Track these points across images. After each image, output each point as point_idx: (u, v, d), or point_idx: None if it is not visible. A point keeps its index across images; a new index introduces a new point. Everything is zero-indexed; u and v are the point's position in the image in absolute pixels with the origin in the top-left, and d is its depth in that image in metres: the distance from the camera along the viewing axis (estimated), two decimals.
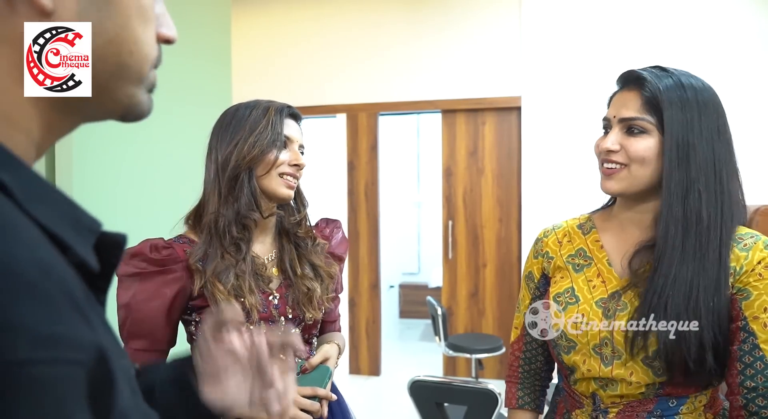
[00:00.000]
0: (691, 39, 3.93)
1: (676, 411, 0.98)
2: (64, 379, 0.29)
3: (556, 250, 1.11)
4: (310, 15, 4.55)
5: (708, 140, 0.95)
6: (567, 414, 1.08)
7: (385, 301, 4.78)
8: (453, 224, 4.38)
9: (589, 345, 1.01)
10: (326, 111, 4.50)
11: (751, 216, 3.09)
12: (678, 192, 0.94)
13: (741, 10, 3.87)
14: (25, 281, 0.28)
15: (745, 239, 0.97)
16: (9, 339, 0.27)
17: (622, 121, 0.99)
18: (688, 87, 0.97)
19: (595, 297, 1.02)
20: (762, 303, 0.92)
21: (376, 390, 4.22)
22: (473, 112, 4.32)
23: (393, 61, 4.41)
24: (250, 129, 1.16)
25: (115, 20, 0.42)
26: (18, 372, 0.27)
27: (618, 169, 0.99)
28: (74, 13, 0.40)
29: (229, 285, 1.11)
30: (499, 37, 4.22)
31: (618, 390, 0.99)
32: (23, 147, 0.39)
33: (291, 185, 1.19)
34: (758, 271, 0.93)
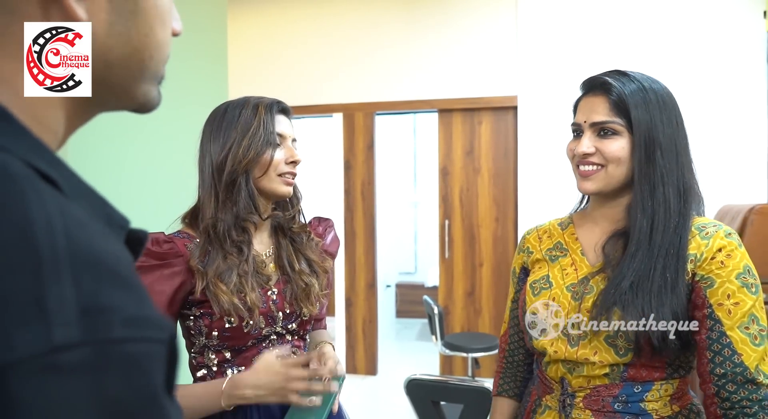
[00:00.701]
0: (685, 39, 3.95)
1: (641, 398, 1.01)
2: (151, 355, 0.32)
3: (536, 245, 1.19)
4: (306, 14, 4.55)
5: (670, 136, 1.03)
6: (539, 400, 1.13)
7: (382, 301, 4.79)
8: (449, 223, 4.39)
9: (558, 328, 1.06)
10: (323, 110, 4.50)
11: (746, 215, 3.12)
12: (648, 185, 1.02)
13: (733, 12, 3.89)
14: (108, 269, 0.32)
15: (707, 228, 1.02)
16: (105, 320, 0.30)
17: (594, 124, 1.06)
18: (649, 89, 1.04)
19: (567, 282, 1.09)
20: (725, 291, 0.96)
21: (373, 389, 4.23)
22: (470, 112, 4.33)
23: (389, 61, 4.42)
24: (243, 131, 1.15)
25: (141, 29, 0.44)
26: (113, 349, 0.30)
27: (595, 170, 1.05)
28: (105, 23, 0.42)
29: (232, 284, 1.11)
30: (496, 36, 4.23)
31: (584, 372, 1.03)
32: (51, 145, 0.42)
33: (290, 182, 1.20)
34: (720, 259, 0.98)
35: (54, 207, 0.33)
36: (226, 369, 1.15)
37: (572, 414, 1.04)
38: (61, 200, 0.34)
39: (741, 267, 0.97)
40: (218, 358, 1.15)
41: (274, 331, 1.19)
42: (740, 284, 0.96)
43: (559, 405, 1.07)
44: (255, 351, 1.16)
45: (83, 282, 0.31)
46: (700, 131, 3.94)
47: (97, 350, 0.30)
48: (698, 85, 3.94)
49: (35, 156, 0.37)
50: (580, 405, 1.04)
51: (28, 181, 0.33)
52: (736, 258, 0.98)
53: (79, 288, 0.30)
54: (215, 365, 1.16)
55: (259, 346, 1.16)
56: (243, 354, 1.15)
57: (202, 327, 1.13)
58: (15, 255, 0.29)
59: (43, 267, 0.30)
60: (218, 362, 1.15)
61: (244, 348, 1.16)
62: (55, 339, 0.29)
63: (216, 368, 1.16)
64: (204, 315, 1.13)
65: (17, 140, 0.37)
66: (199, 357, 1.17)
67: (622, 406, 1.01)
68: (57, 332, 0.29)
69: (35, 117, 0.41)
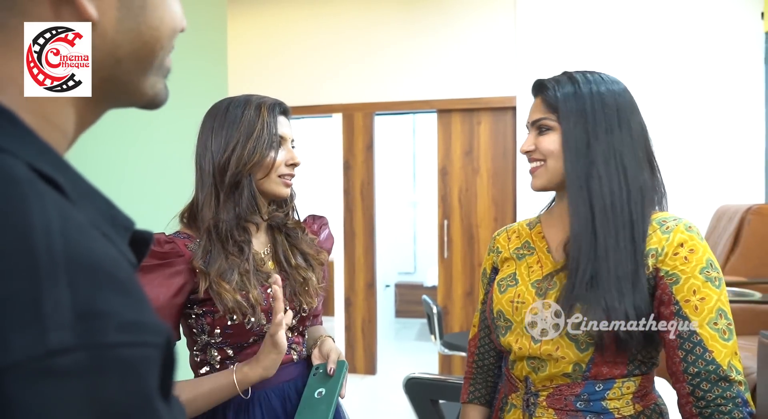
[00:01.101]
0: (683, 40, 3.96)
1: (602, 396, 1.01)
2: (146, 359, 0.33)
3: (505, 245, 1.21)
4: (305, 15, 4.56)
5: (604, 133, 1.03)
6: (505, 398, 1.14)
7: (381, 301, 4.79)
8: (448, 223, 4.40)
9: (522, 324, 1.08)
10: (322, 111, 4.51)
11: (744, 215, 3.13)
12: (580, 178, 1.03)
13: (731, 13, 3.90)
14: (105, 273, 0.32)
15: (668, 222, 1.02)
16: (100, 325, 0.30)
17: (533, 123, 1.11)
18: (583, 87, 1.06)
19: (532, 279, 1.10)
20: (691, 286, 0.96)
21: (372, 388, 4.24)
22: (468, 112, 4.34)
23: (389, 61, 4.43)
24: (247, 132, 1.15)
25: (150, 23, 0.44)
26: (108, 354, 0.30)
27: (538, 166, 1.09)
28: (115, 21, 0.43)
29: (234, 283, 1.12)
30: (494, 37, 4.24)
31: (547, 371, 1.04)
32: (60, 145, 0.42)
33: (289, 183, 1.21)
34: (683, 255, 0.98)
35: (54, 211, 0.33)
36: (229, 365, 1.16)
37: (536, 413, 1.05)
38: (63, 204, 0.34)
39: (704, 262, 0.98)
40: (221, 355, 1.16)
41: None
42: (704, 279, 0.96)
43: (523, 403, 1.08)
44: (256, 347, 1.16)
45: (80, 286, 0.31)
46: (698, 132, 3.95)
47: (92, 354, 0.30)
48: (696, 85, 3.95)
49: (40, 159, 0.37)
50: (544, 404, 1.05)
51: (31, 184, 0.33)
52: (698, 252, 0.98)
53: (75, 293, 0.30)
54: (218, 362, 1.17)
55: (261, 343, 1.17)
56: (245, 350, 1.17)
57: (204, 325, 1.14)
58: (13, 258, 0.30)
59: (40, 271, 0.30)
60: (221, 359, 1.17)
61: (246, 345, 1.17)
62: (50, 343, 0.29)
63: (219, 365, 1.17)
64: (206, 314, 1.13)
65: (22, 143, 0.37)
66: (202, 354, 1.18)
67: (584, 405, 1.02)
68: (52, 336, 0.29)
69: (44, 116, 0.41)
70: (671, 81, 3.99)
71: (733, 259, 3.12)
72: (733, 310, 2.50)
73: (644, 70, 4.02)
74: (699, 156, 3.94)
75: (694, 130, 3.96)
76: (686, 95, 3.97)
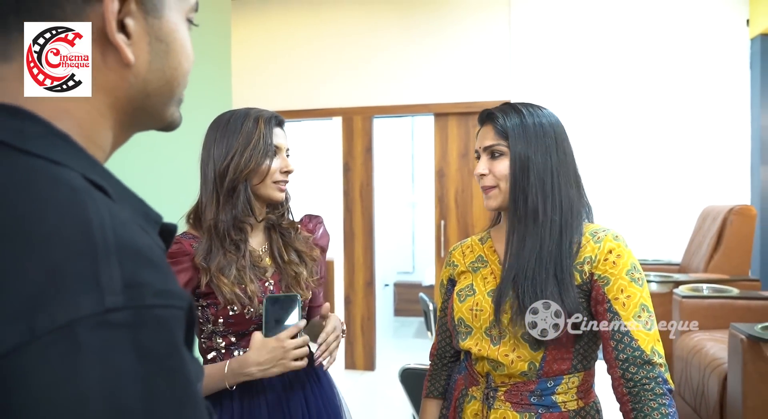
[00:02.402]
0: (672, 47, 4.09)
1: (552, 391, 1.16)
2: (174, 318, 0.42)
3: (461, 259, 1.33)
4: (307, 22, 4.69)
5: (543, 155, 1.17)
6: (465, 390, 1.26)
7: (380, 299, 4.91)
8: (445, 224, 4.52)
9: (481, 329, 1.20)
10: (322, 114, 4.64)
11: (726, 215, 3.27)
12: (520, 195, 1.17)
13: (718, 20, 4.03)
14: (143, 256, 0.43)
15: (598, 233, 1.17)
16: (141, 292, 0.40)
17: (486, 148, 1.23)
18: (528, 118, 1.20)
19: (487, 289, 1.23)
20: (619, 286, 1.12)
21: (371, 384, 4.36)
22: (464, 116, 4.47)
23: (387, 66, 4.56)
24: (245, 142, 1.29)
25: (172, 63, 0.55)
26: (147, 312, 0.40)
27: (491, 187, 1.21)
28: (146, 63, 0.53)
29: (232, 277, 1.27)
30: (489, 43, 4.37)
31: (506, 370, 1.17)
32: (101, 159, 0.53)
33: (283, 189, 1.36)
34: (611, 260, 1.14)
35: (105, 211, 0.43)
36: (233, 350, 1.31)
37: (494, 405, 1.18)
38: (110, 205, 0.45)
39: (629, 265, 1.13)
40: (225, 342, 1.31)
41: None
42: (630, 279, 1.12)
43: (483, 396, 1.21)
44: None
45: (126, 265, 0.40)
46: (686, 134, 4.08)
47: (135, 313, 0.39)
48: (684, 90, 4.08)
49: (90, 171, 0.47)
50: (502, 398, 1.18)
51: (86, 191, 0.44)
52: (624, 257, 1.14)
53: (123, 269, 0.40)
54: (223, 348, 1.32)
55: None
56: (246, 337, 1.31)
57: (209, 315, 1.29)
58: (79, 246, 0.40)
59: (99, 255, 0.39)
60: (225, 345, 1.31)
61: (247, 332, 1.31)
62: (107, 304, 0.38)
63: (224, 350, 1.32)
64: (210, 305, 1.28)
65: (78, 159, 0.48)
66: (208, 341, 1.33)
67: (537, 399, 1.16)
68: (107, 299, 0.38)
69: (90, 138, 0.51)
70: (660, 85, 4.13)
71: (717, 258, 3.25)
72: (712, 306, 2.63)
73: (634, 74, 4.15)
74: (686, 158, 4.07)
75: (682, 133, 4.09)
76: (675, 99, 4.10)
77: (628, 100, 4.17)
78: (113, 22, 0.48)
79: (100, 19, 0.48)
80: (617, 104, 4.18)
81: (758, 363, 1.90)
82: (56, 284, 0.37)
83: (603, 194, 4.10)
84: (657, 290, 3.12)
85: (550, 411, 1.15)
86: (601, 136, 4.19)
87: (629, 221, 4.07)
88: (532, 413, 1.15)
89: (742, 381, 1.94)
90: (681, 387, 2.62)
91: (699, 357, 2.41)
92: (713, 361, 2.28)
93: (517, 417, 1.15)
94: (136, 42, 0.51)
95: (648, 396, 1.06)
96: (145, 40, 0.52)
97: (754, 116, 3.92)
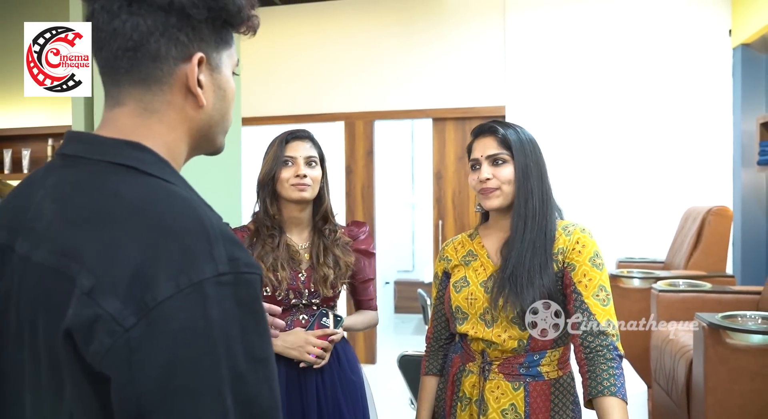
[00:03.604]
0: (658, 55, 4.29)
1: (538, 363, 1.37)
2: (256, 281, 0.61)
3: (453, 254, 1.52)
4: (311, 31, 4.91)
5: (535, 164, 1.39)
6: (462, 366, 1.46)
7: (381, 297, 5.11)
8: (443, 224, 4.74)
9: (476, 315, 1.40)
10: (325, 118, 4.86)
11: (705, 216, 3.49)
12: (522, 199, 1.37)
13: (702, 30, 4.24)
14: (234, 240, 0.62)
15: (569, 227, 1.39)
16: (238, 263, 0.59)
17: (489, 157, 1.40)
18: (521, 132, 1.41)
19: (479, 280, 1.43)
20: (582, 271, 1.33)
21: (372, 375, 4.54)
22: (461, 120, 4.69)
23: (387, 73, 4.77)
24: (266, 159, 1.64)
25: (225, 104, 0.75)
26: (241, 276, 0.59)
27: (494, 189, 1.39)
28: (212, 104, 0.73)
29: (269, 264, 1.56)
30: (485, 51, 4.59)
31: (499, 348, 1.38)
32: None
33: (301, 189, 1.60)
34: (578, 249, 1.35)
35: (207, 211, 0.64)
36: None
37: (489, 377, 1.39)
38: (206, 207, 0.66)
39: (592, 253, 1.35)
40: None
41: (301, 302, 1.60)
42: (591, 265, 1.33)
43: (479, 370, 1.42)
44: (287, 314, 1.59)
45: (227, 246, 0.59)
46: (672, 139, 4.29)
47: (235, 276, 0.58)
48: (671, 97, 4.29)
49: (183, 186, 0.68)
50: (495, 370, 1.38)
51: (191, 200, 0.65)
52: (588, 246, 1.35)
53: (226, 249, 0.59)
54: None
55: (290, 311, 1.60)
56: (277, 316, 1.55)
57: None
58: (200, 235, 0.59)
59: (211, 240, 0.59)
60: None
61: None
62: (219, 270, 0.57)
63: None
64: None
65: (175, 177, 0.68)
66: None
67: (525, 370, 1.37)
68: (219, 267, 0.57)
69: (173, 157, 0.71)
70: (649, 93, 4.34)
71: (696, 255, 3.46)
72: (686, 299, 2.86)
73: (624, 82, 4.36)
74: (673, 161, 4.28)
75: (669, 138, 4.30)
76: (662, 106, 4.31)
77: (618, 106, 4.38)
78: (194, 79, 0.69)
79: (185, 75, 0.69)
80: (607, 111, 4.39)
81: (717, 348, 2.11)
82: (190, 258, 0.57)
83: (594, 195, 4.32)
84: (639, 285, 3.34)
85: (536, 380, 1.36)
86: (592, 140, 4.40)
87: (618, 221, 4.29)
88: (520, 381, 1.36)
89: (703, 364, 2.16)
90: (656, 373, 2.84)
91: (671, 346, 2.63)
92: (682, 348, 2.50)
93: (509, 385, 1.36)
94: (206, 90, 0.71)
95: (600, 361, 1.27)
96: (211, 89, 0.72)
97: (736, 122, 4.11)
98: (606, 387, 1.24)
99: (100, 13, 0.66)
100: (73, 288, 0.56)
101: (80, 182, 0.65)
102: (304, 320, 1.60)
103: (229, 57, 0.74)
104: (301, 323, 1.60)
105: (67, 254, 0.58)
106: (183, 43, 0.67)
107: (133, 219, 0.60)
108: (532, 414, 1.35)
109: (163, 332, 0.54)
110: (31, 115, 3.65)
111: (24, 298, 0.62)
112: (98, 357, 0.54)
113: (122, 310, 0.54)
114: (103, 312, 0.54)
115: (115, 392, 0.54)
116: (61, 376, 0.57)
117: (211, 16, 0.68)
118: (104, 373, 0.55)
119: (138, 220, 0.59)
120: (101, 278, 0.56)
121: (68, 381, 0.57)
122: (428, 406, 1.54)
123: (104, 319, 0.54)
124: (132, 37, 0.66)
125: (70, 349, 0.56)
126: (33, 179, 0.71)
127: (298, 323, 1.59)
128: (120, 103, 0.69)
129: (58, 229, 0.61)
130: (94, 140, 0.68)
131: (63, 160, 0.69)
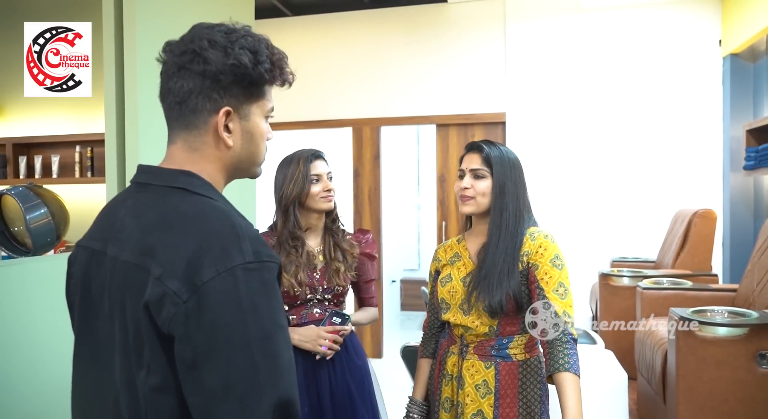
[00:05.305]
0: (651, 65, 4.48)
1: (507, 346, 1.59)
2: (275, 268, 0.81)
3: (443, 256, 1.76)
4: (319, 40, 5.13)
5: (513, 183, 1.61)
6: (447, 349, 1.67)
7: (388, 295, 5.32)
8: (446, 224, 4.95)
9: (456, 305, 1.63)
10: (334, 124, 5.08)
11: (691, 218, 3.69)
12: (498, 211, 1.59)
13: (694, 40, 4.43)
14: (259, 239, 0.84)
15: (534, 233, 1.60)
16: (261, 255, 0.79)
17: (472, 170, 1.62)
18: (504, 153, 1.62)
19: (460, 276, 1.66)
20: (545, 270, 1.54)
21: (378, 368, 4.74)
22: (464, 126, 4.90)
23: (393, 81, 4.99)
24: (289, 178, 1.83)
25: (253, 146, 0.96)
26: (264, 264, 0.80)
27: (470, 198, 1.62)
28: (240, 145, 0.93)
29: (291, 272, 1.79)
30: (486, 60, 4.80)
31: (473, 332, 1.60)
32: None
33: (329, 200, 1.87)
34: (540, 252, 1.56)
35: (239, 219, 0.85)
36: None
37: (466, 357, 1.61)
38: (238, 216, 0.87)
39: (552, 255, 1.55)
40: None
41: (315, 298, 1.84)
42: (552, 265, 1.54)
43: (458, 351, 1.64)
44: (303, 308, 1.83)
45: (252, 243, 0.79)
46: (666, 145, 4.47)
47: (260, 264, 0.79)
48: (664, 105, 4.48)
49: (223, 202, 0.89)
50: (471, 351, 1.60)
51: (227, 211, 0.86)
52: (548, 249, 1.56)
53: (252, 245, 0.79)
54: None
55: (305, 305, 1.84)
56: (293, 308, 1.82)
57: None
58: (233, 236, 0.82)
59: (241, 239, 0.79)
60: None
61: (294, 305, 1.82)
62: (246, 259, 0.78)
63: None
64: None
65: (217, 196, 0.89)
66: None
67: (496, 352, 1.58)
68: (247, 257, 0.78)
69: (217, 184, 0.92)
70: (643, 100, 4.52)
71: (683, 255, 3.66)
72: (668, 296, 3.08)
73: (619, 90, 4.55)
74: (665, 165, 4.46)
75: (662, 143, 4.48)
76: (655, 113, 4.50)
77: (613, 113, 4.58)
78: (222, 126, 0.90)
79: (216, 124, 0.89)
80: (602, 117, 4.59)
81: (687, 339, 2.33)
82: (226, 252, 0.80)
83: (590, 197, 4.51)
84: (628, 284, 3.55)
85: (506, 361, 1.58)
86: (588, 145, 4.59)
87: (613, 222, 4.49)
88: (492, 361, 1.58)
89: (675, 353, 2.37)
90: (639, 364, 3.05)
91: (651, 338, 2.84)
92: (660, 340, 2.71)
93: (482, 364, 1.58)
94: (234, 135, 0.91)
95: (557, 344, 1.49)
96: (239, 133, 0.92)
97: (726, 128, 4.29)
98: (561, 365, 1.46)
99: (162, 76, 0.91)
100: (149, 275, 0.79)
101: (150, 202, 0.88)
102: (317, 314, 1.84)
103: (259, 107, 0.93)
104: (315, 316, 1.83)
105: (144, 253, 0.82)
106: (215, 100, 0.88)
107: (187, 226, 0.83)
108: (501, 389, 1.57)
109: (207, 303, 0.77)
110: (60, 123, 3.88)
111: (114, 286, 0.85)
112: (166, 321, 0.77)
113: (180, 288, 0.77)
114: (168, 290, 0.77)
115: (177, 346, 0.77)
116: (142, 338, 0.80)
117: (237, 80, 0.88)
118: (170, 334, 0.78)
119: (190, 227, 0.82)
120: (167, 267, 0.79)
121: (147, 341, 0.79)
122: (423, 384, 1.78)
123: (169, 295, 0.77)
124: (179, 94, 0.88)
125: (147, 318, 0.79)
126: (116, 201, 0.95)
127: (312, 316, 1.83)
128: (174, 142, 0.92)
129: (137, 236, 0.85)
130: (157, 171, 0.91)
131: (137, 186, 0.92)
